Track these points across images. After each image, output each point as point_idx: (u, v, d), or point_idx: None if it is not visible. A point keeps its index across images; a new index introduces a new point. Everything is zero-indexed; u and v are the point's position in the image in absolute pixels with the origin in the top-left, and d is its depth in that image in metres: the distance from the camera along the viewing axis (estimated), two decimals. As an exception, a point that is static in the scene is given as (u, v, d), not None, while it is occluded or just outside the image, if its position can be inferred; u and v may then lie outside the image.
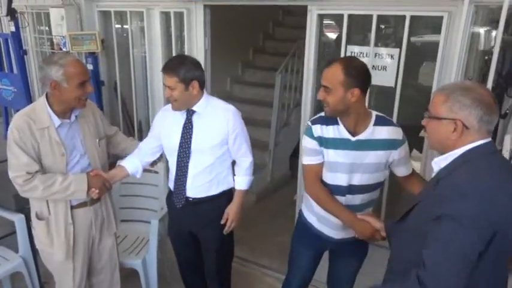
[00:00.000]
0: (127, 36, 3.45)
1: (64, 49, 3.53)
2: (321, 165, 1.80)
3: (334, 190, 1.82)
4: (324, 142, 1.77)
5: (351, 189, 1.81)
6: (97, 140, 2.08)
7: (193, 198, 2.12)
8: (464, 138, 1.25)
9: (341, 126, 1.75)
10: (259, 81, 5.64)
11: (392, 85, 2.36)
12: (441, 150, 1.34)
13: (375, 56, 2.36)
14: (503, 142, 2.52)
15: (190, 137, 2.03)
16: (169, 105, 2.08)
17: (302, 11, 6.16)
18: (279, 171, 4.64)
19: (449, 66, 2.14)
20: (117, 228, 2.28)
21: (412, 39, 3.30)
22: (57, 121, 1.93)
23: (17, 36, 3.53)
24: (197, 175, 2.07)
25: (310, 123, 1.81)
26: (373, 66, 2.38)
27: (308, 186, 1.87)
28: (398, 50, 2.30)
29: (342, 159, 1.75)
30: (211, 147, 2.03)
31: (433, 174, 1.38)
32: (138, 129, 3.68)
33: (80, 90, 1.87)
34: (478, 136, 1.25)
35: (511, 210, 1.19)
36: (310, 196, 1.88)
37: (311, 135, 1.79)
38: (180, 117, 2.06)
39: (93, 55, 3.45)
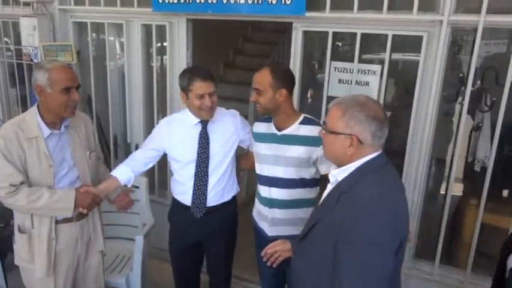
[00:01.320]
0: (103, 47, 3.37)
1: (35, 60, 3.38)
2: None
3: (262, 181, 2.03)
4: (257, 137, 2.07)
5: (276, 182, 1.97)
6: (88, 153, 2.02)
7: (209, 207, 2.18)
8: (359, 152, 1.29)
9: (271, 123, 2.01)
10: (230, 96, 5.67)
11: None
12: (337, 163, 1.37)
13: (358, 72, 2.47)
14: (476, 152, 2.71)
15: (208, 146, 2.11)
16: (173, 117, 2.20)
17: (270, 28, 6.37)
18: (254, 184, 4.65)
19: (428, 83, 2.28)
20: (104, 246, 2.19)
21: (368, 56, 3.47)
22: (46, 131, 1.86)
23: (-18, 45, 3.35)
24: (215, 183, 2.15)
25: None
26: (357, 81, 2.48)
27: None
28: (380, 66, 2.42)
29: (268, 152, 1.98)
30: (226, 153, 2.15)
31: (329, 185, 1.43)
32: (113, 143, 3.58)
33: (65, 96, 1.82)
34: (371, 149, 1.30)
35: (405, 219, 1.28)
36: None
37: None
38: (191, 128, 2.11)
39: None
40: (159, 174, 3.38)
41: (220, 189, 2.17)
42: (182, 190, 2.20)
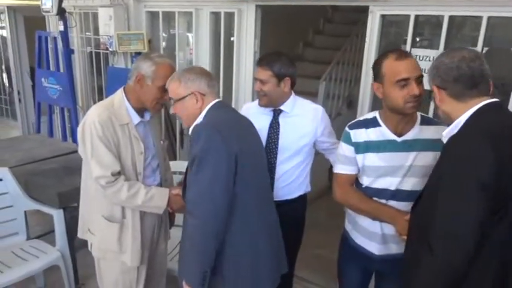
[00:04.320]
0: (173, 38, 3.41)
1: (110, 49, 3.52)
2: (355, 176, 1.73)
3: (376, 194, 1.68)
4: (364, 147, 1.67)
5: (397, 195, 1.65)
6: (161, 142, 2.03)
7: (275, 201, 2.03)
8: (205, 102, 1.60)
9: (384, 128, 1.64)
10: (298, 90, 5.50)
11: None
12: (193, 121, 1.61)
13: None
14: None
15: (278, 138, 2.00)
16: (253, 103, 2.13)
17: (342, 19, 6.08)
18: (318, 182, 4.44)
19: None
20: (169, 235, 2.18)
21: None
22: (136, 118, 1.84)
23: (65, 35, 3.54)
24: (280, 177, 2.03)
25: (348, 129, 1.72)
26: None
27: (338, 193, 1.76)
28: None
29: (384, 163, 1.63)
30: (298, 148, 2.01)
31: None
32: (179, 133, 3.62)
33: (160, 93, 1.78)
34: (211, 98, 1.61)
35: (242, 139, 1.55)
36: (342, 203, 1.78)
37: (348, 141, 1.70)
38: (265, 117, 2.03)
39: (138, 55, 3.42)
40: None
41: (286, 185, 2.04)
42: None
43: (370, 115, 1.72)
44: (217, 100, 1.62)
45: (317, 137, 2.03)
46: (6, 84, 5.43)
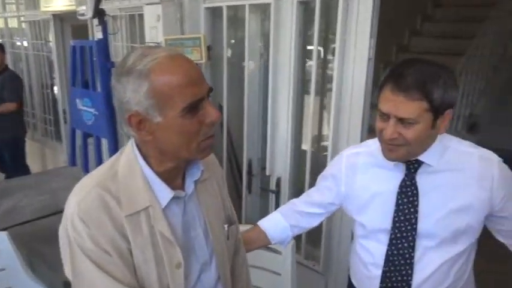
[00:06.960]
0: (240, 42, 2.47)
1: (158, 60, 2.65)
2: None
3: None
4: None
5: None
6: (225, 227, 1.06)
7: None
8: None
9: None
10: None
11: None
12: None
13: None
14: None
15: (416, 211, 1.22)
16: (361, 148, 1.35)
17: (450, 18, 4.86)
18: None
19: None
20: None
21: None
22: (165, 194, 0.90)
23: (103, 44, 2.75)
24: (424, 282, 1.25)
25: None
26: None
27: None
28: None
29: None
30: (454, 230, 1.21)
31: None
32: (247, 172, 2.64)
33: (195, 121, 0.84)
34: None
35: None
36: None
37: None
38: (388, 173, 1.25)
39: (194, 68, 2.51)
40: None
41: None
42: (365, 275, 1.35)
43: None
44: None
45: (492, 212, 1.22)
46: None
